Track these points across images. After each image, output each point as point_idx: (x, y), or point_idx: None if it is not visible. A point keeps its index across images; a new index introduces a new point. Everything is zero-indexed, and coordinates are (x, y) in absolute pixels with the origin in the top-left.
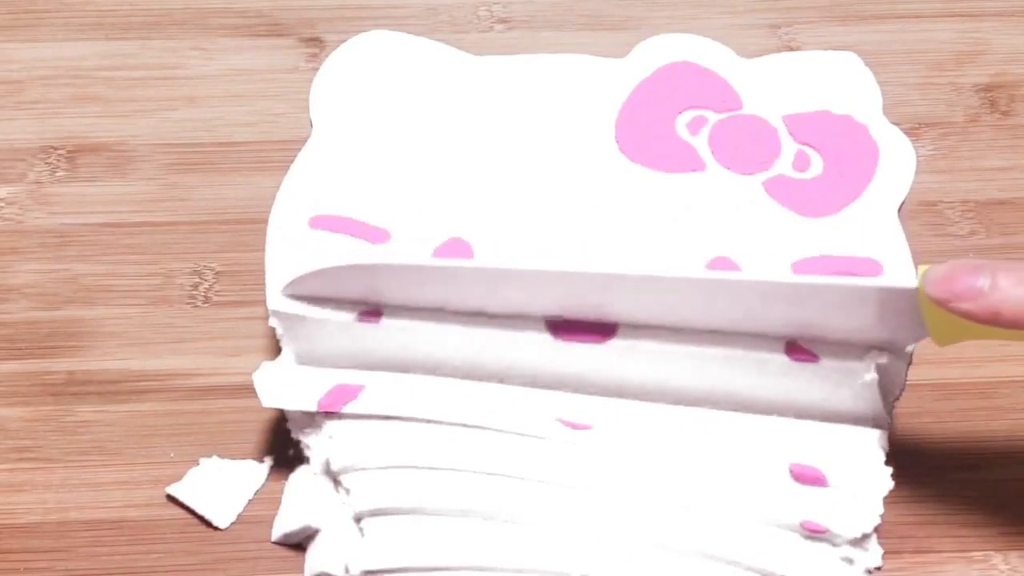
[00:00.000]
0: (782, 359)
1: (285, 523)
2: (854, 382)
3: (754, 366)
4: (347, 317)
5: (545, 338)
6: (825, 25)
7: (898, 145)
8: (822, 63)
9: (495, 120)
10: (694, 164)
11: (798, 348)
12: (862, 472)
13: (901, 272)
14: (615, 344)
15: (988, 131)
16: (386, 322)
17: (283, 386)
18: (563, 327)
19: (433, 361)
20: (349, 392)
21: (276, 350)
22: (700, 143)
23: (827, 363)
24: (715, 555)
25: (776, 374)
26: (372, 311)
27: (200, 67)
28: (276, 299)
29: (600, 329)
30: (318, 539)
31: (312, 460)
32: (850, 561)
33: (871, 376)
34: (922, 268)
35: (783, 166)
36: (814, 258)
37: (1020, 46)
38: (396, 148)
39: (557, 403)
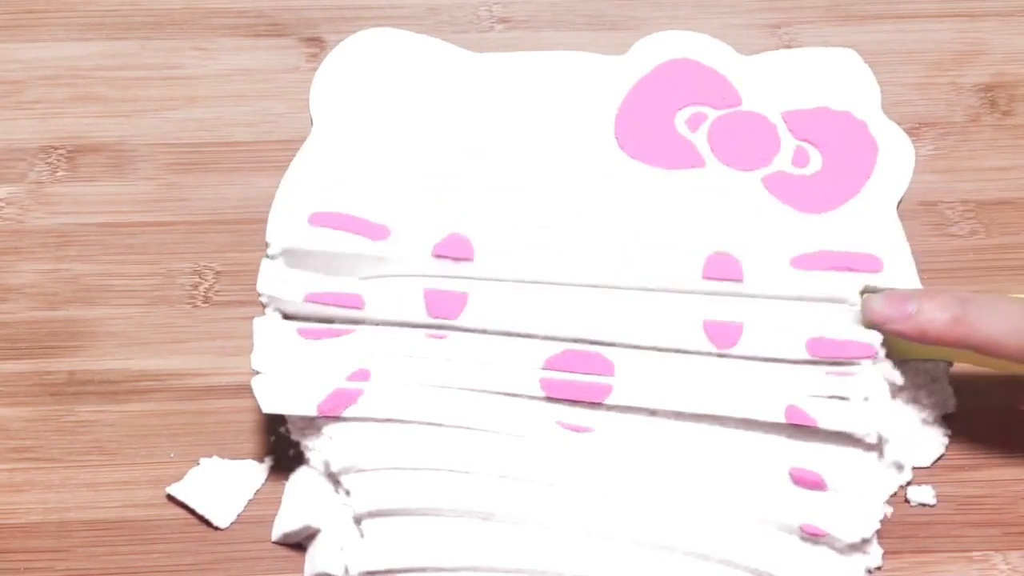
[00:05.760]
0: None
1: (285, 523)
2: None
3: None
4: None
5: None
6: (825, 25)
7: (897, 141)
8: (821, 60)
9: (494, 116)
10: (693, 160)
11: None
12: (861, 476)
13: (900, 266)
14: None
15: (988, 131)
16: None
17: (282, 391)
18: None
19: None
20: (349, 397)
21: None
22: (699, 139)
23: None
24: (715, 558)
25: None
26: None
27: (200, 67)
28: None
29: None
30: (318, 539)
31: (312, 461)
32: (850, 563)
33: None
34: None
35: (782, 162)
36: (813, 253)
37: (1020, 46)
38: (395, 144)
39: (558, 407)
